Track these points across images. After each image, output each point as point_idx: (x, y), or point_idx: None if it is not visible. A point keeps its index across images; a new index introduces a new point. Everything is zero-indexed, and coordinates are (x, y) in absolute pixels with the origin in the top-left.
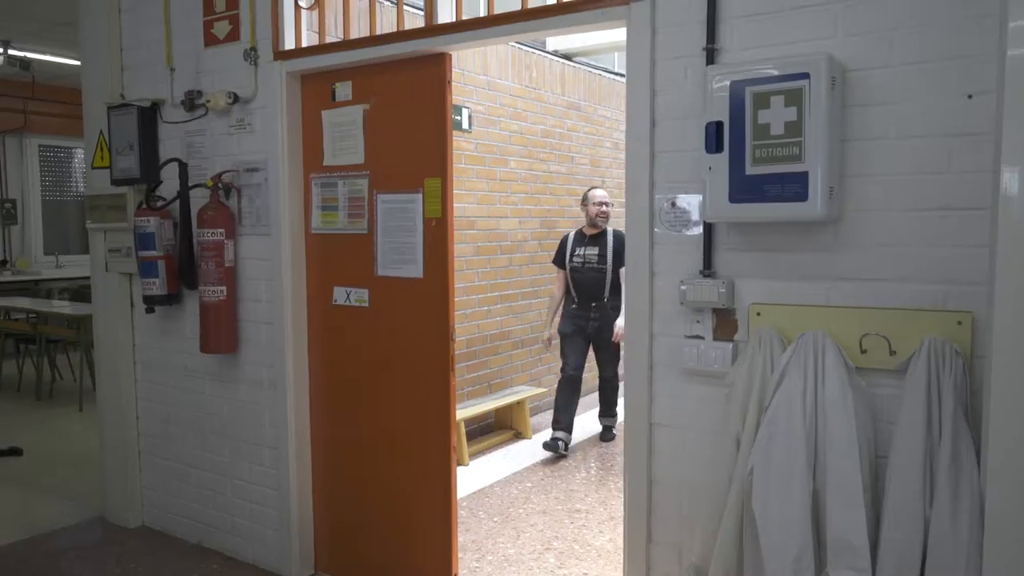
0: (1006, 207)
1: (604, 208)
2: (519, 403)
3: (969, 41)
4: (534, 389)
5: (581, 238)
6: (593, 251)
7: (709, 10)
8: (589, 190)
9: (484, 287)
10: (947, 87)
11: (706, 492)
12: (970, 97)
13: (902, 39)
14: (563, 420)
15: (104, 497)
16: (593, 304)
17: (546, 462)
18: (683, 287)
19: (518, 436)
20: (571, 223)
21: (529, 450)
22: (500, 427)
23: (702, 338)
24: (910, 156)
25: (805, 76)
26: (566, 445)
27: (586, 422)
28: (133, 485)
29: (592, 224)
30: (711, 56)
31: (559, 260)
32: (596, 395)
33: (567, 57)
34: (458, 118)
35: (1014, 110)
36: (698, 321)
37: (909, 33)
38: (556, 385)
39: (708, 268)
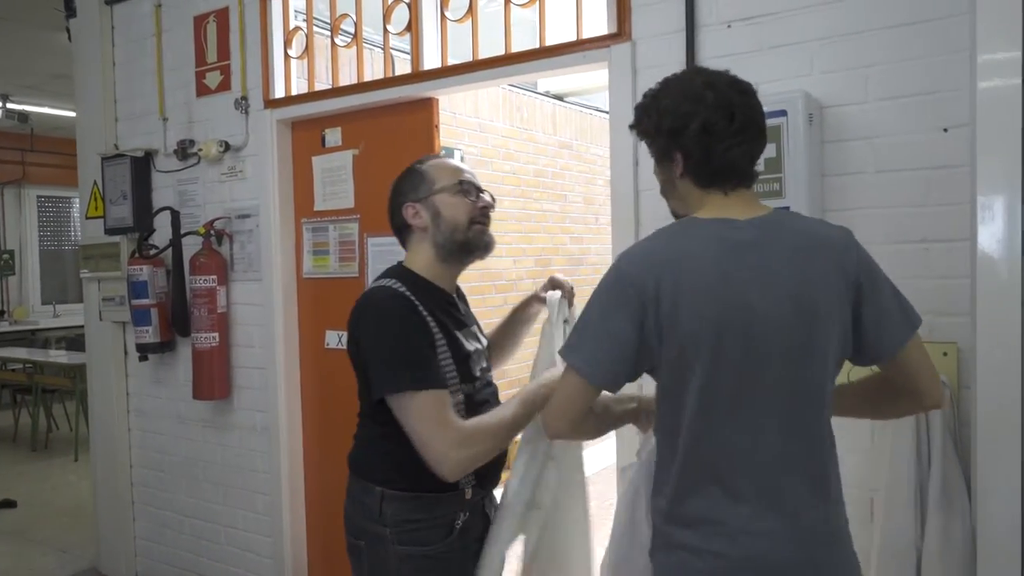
0: (983, 238)
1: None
2: (515, 444)
3: (943, 76)
4: None
5: (443, 301)
6: (479, 337)
7: (688, 51)
8: (423, 163)
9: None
10: (923, 121)
11: None
12: (946, 131)
13: (877, 75)
14: None
15: (97, 548)
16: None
17: None
18: None
19: None
20: (565, 261)
21: None
22: None
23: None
24: (890, 190)
25: (783, 113)
26: None
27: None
28: (126, 535)
29: (467, 246)
30: None
31: (434, 374)
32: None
33: (558, 97)
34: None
35: (987, 142)
36: None
37: (884, 70)
38: None
39: None
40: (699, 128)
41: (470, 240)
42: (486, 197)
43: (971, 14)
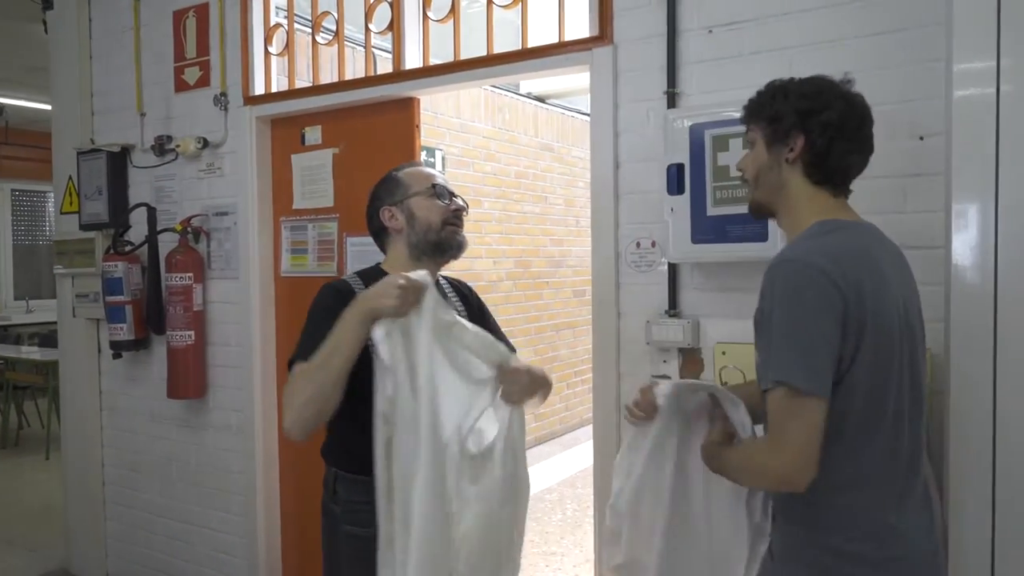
0: (957, 246)
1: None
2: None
3: (919, 85)
4: None
5: None
6: None
7: (669, 55)
8: (400, 170)
9: None
10: (900, 129)
11: None
12: (922, 139)
13: (855, 82)
14: None
15: (68, 548)
16: None
17: None
18: (649, 327)
19: None
20: (545, 263)
21: None
22: None
23: (669, 377)
24: (867, 196)
25: None
26: None
27: (561, 465)
28: (97, 535)
29: (440, 246)
30: (672, 100)
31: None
32: (571, 435)
33: (540, 99)
34: (431, 160)
35: (962, 150)
36: (665, 361)
37: (862, 76)
38: None
39: (673, 308)
40: (833, 117)
41: (443, 240)
42: (459, 201)
43: (947, 24)
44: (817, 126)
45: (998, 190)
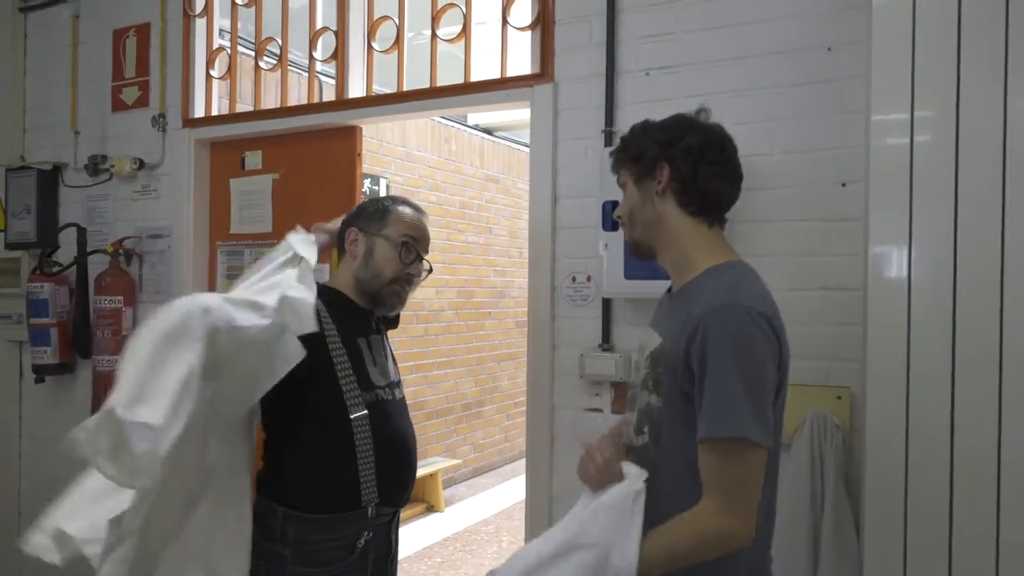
0: (873, 289)
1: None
2: (432, 475)
3: (841, 134)
4: (448, 461)
5: (357, 316)
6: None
7: (607, 96)
8: (395, 204)
9: (398, 356)
10: (824, 175)
11: None
12: (844, 185)
13: (781, 130)
14: None
15: None
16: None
17: (457, 536)
18: (583, 360)
19: (430, 509)
20: (488, 293)
21: (441, 524)
22: (412, 500)
23: (601, 411)
24: (793, 238)
25: None
26: None
27: (498, 496)
28: (12, 566)
29: (377, 297)
30: (609, 138)
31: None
32: (511, 466)
33: (487, 131)
34: (376, 188)
35: (879, 197)
36: (597, 394)
37: (787, 125)
38: None
39: (607, 342)
40: (693, 144)
41: (383, 294)
42: (421, 267)
43: (867, 77)
44: (680, 152)
45: (911, 235)
